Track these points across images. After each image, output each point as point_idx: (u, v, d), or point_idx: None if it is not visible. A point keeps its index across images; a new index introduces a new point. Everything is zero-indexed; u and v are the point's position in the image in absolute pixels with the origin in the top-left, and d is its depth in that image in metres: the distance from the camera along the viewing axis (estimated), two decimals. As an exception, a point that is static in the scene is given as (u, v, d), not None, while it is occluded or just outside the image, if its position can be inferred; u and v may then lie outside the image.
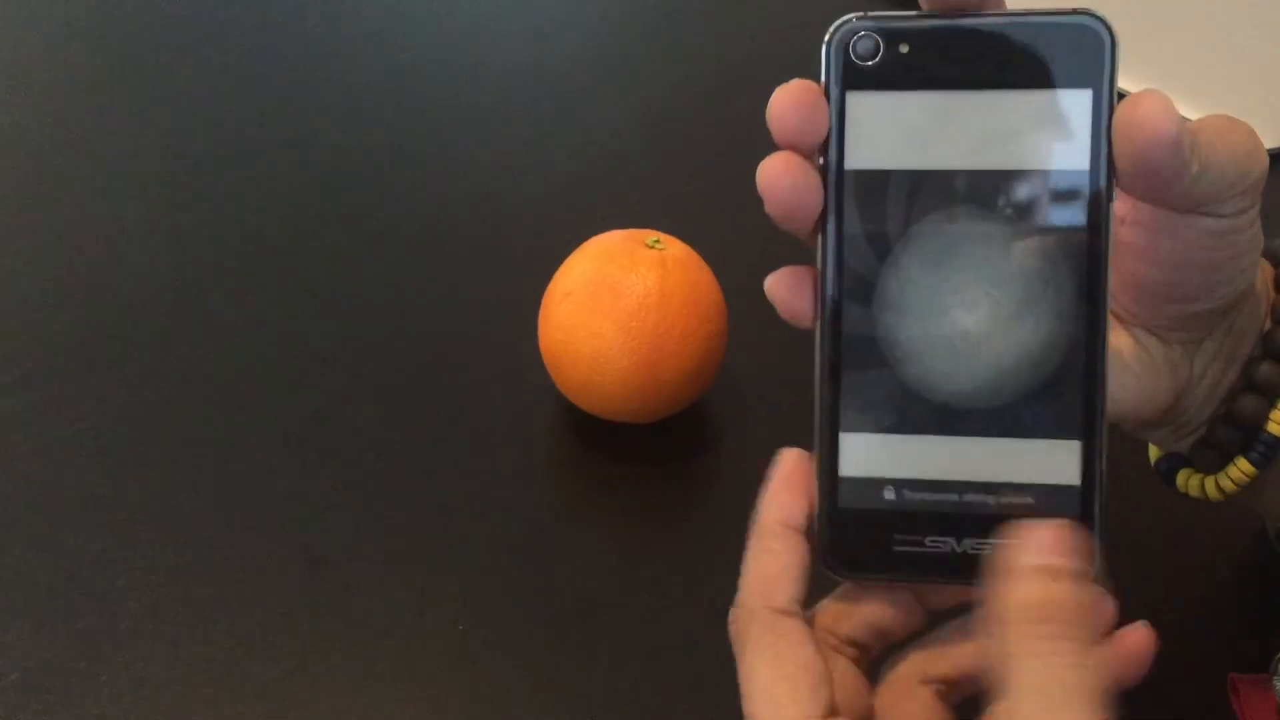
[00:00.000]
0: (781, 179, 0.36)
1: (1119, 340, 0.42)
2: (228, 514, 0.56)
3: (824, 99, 0.36)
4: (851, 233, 0.37)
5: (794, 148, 0.37)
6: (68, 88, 0.81)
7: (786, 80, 0.37)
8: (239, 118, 0.78)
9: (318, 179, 0.74)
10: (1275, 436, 0.43)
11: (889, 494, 0.37)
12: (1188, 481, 0.46)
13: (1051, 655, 0.33)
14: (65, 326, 0.64)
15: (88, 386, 0.61)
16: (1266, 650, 0.46)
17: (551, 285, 0.58)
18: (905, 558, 0.37)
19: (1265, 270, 0.44)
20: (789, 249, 0.42)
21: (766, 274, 0.41)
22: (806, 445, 0.38)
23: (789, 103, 0.36)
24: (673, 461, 0.59)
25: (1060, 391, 0.36)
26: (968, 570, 0.37)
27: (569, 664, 0.51)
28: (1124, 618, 0.39)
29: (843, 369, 0.37)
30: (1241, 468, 0.44)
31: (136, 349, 0.63)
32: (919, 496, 0.37)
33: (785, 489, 0.39)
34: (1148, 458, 0.49)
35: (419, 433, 0.60)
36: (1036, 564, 0.34)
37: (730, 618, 0.39)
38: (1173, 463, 0.47)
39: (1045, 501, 0.36)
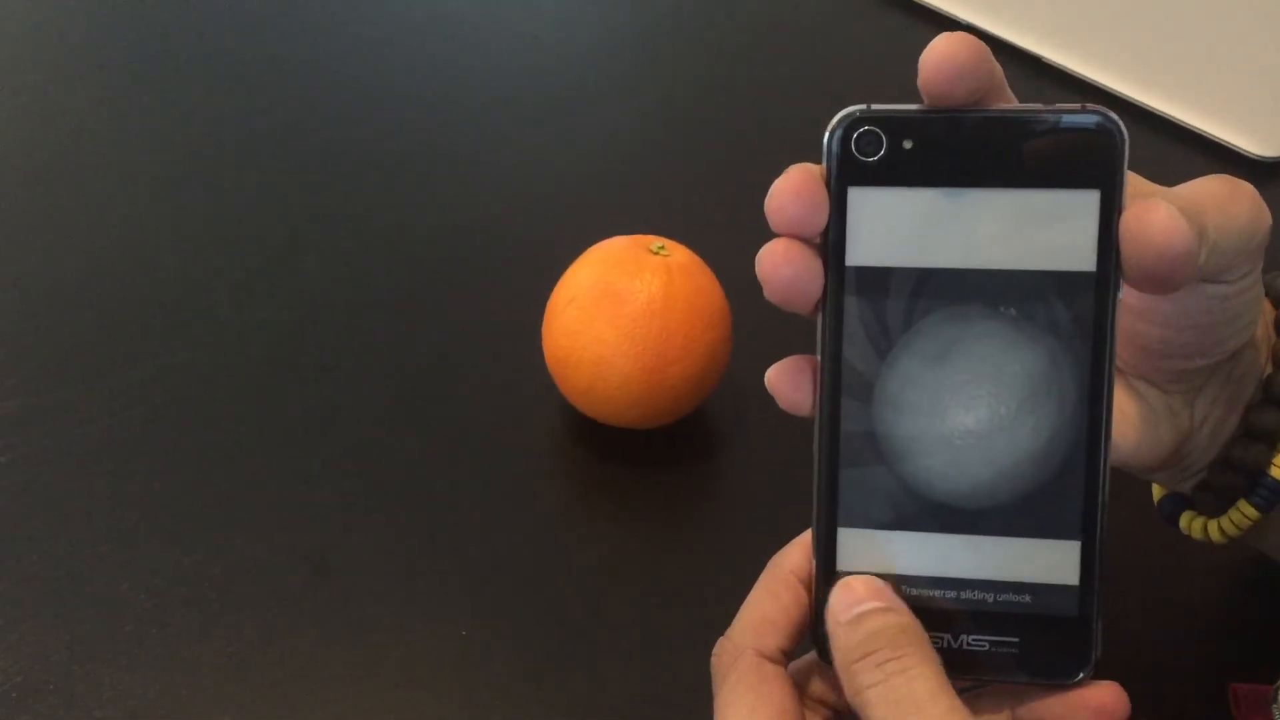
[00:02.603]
0: (781, 268, 0.36)
1: (1119, 391, 0.42)
2: (231, 518, 0.56)
3: (824, 190, 0.36)
4: (852, 329, 0.36)
5: (794, 237, 0.36)
6: (69, 90, 0.81)
7: (789, 84, 0.37)
8: (242, 122, 0.78)
9: (320, 184, 0.74)
10: (1277, 480, 0.43)
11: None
12: (1190, 524, 0.46)
13: (885, 677, 0.34)
14: (68, 330, 0.64)
15: (91, 390, 0.61)
16: (1268, 662, 0.46)
17: (556, 291, 0.58)
18: None
19: (1267, 311, 0.44)
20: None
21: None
22: (810, 453, 0.38)
23: (789, 194, 0.36)
24: (676, 467, 0.59)
25: (1060, 492, 0.36)
26: (965, 665, 0.37)
27: (573, 669, 0.51)
28: (1130, 627, 0.39)
29: (841, 465, 0.37)
30: (1244, 511, 0.44)
31: (139, 353, 0.63)
32: (916, 592, 0.37)
33: (808, 545, 0.39)
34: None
35: (423, 438, 0.60)
36: (848, 618, 0.36)
37: (716, 649, 0.39)
38: (1175, 504, 0.47)
39: (1043, 600, 0.36)
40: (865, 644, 0.35)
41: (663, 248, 0.57)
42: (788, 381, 0.38)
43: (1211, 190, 0.37)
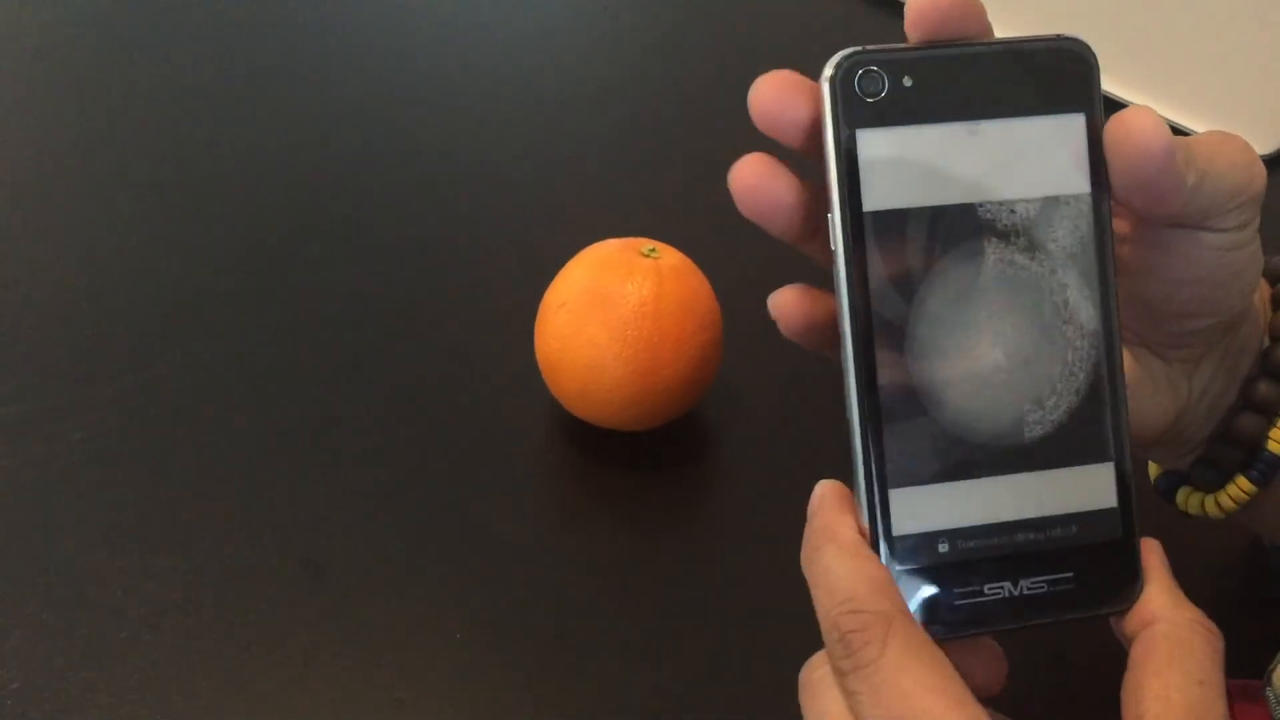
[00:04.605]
0: (747, 177, 0.37)
1: None
2: (226, 523, 0.56)
3: (806, 82, 0.36)
4: (876, 280, 0.36)
5: (775, 130, 0.37)
6: (66, 94, 0.81)
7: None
8: (234, 128, 0.78)
9: (312, 190, 0.74)
10: (1275, 455, 0.43)
11: (943, 547, 0.36)
12: (1187, 500, 0.47)
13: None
14: (63, 335, 0.64)
15: (86, 395, 0.61)
16: (1261, 658, 0.46)
17: (548, 294, 0.58)
18: (966, 610, 0.36)
19: (1263, 289, 0.44)
20: (785, 258, 0.42)
21: (762, 281, 0.41)
22: (804, 453, 0.38)
23: (771, 83, 0.36)
24: (669, 469, 0.59)
25: (1089, 414, 0.36)
26: (1027, 611, 0.37)
27: (566, 672, 0.51)
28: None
29: (883, 422, 0.36)
30: (1241, 486, 0.44)
31: (135, 357, 0.63)
32: (972, 544, 0.36)
33: (846, 508, 0.37)
34: (1145, 472, 0.49)
35: (416, 441, 0.60)
36: None
37: (854, 624, 0.34)
38: (1172, 480, 0.47)
39: (1089, 528, 0.37)
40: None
41: (654, 250, 0.57)
42: (792, 305, 0.39)
43: (1204, 134, 0.38)
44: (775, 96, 0.36)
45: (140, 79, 0.82)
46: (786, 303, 0.40)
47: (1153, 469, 0.49)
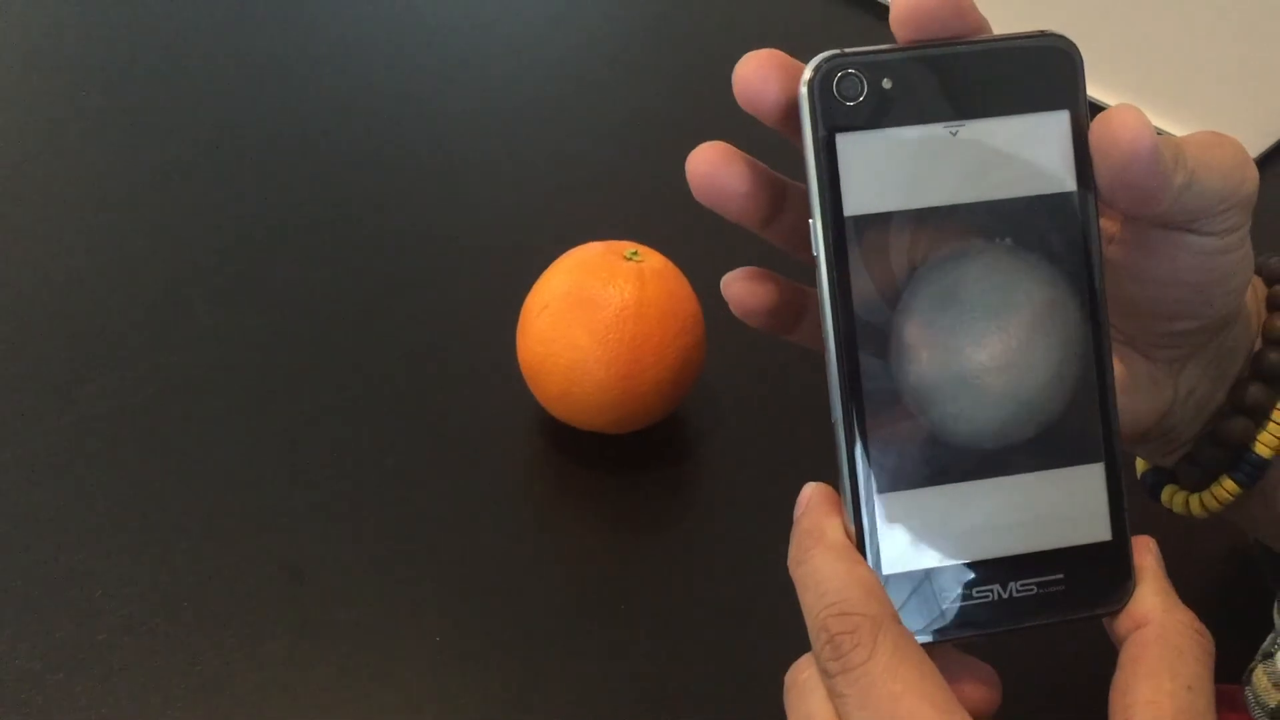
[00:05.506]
0: (701, 165, 0.39)
1: None
2: (205, 525, 0.56)
3: (788, 61, 0.36)
4: (860, 284, 0.35)
5: (755, 108, 0.37)
6: (52, 91, 0.80)
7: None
8: (217, 126, 0.78)
9: (295, 190, 0.74)
10: (1261, 457, 0.43)
11: (931, 550, 0.36)
12: (1172, 498, 0.46)
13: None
14: (41, 337, 0.64)
15: (64, 396, 0.61)
16: (1244, 661, 0.46)
17: (530, 297, 0.58)
18: (956, 613, 0.36)
19: (1257, 289, 0.44)
20: (769, 261, 0.42)
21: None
22: (786, 456, 0.38)
23: (753, 61, 0.37)
24: (650, 472, 0.59)
25: (1078, 415, 0.36)
26: (1017, 614, 0.36)
27: (547, 674, 0.51)
28: (1099, 628, 0.39)
29: (870, 427, 0.36)
30: (1226, 487, 0.44)
31: (114, 359, 0.63)
32: (960, 547, 0.36)
33: (834, 511, 0.37)
34: (1131, 472, 0.49)
35: (397, 444, 0.60)
36: None
37: (843, 627, 0.34)
38: (1159, 477, 0.47)
39: (1079, 529, 0.36)
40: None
41: (636, 253, 0.57)
42: (742, 289, 0.40)
43: (1197, 134, 0.38)
44: (756, 74, 0.37)
45: (123, 80, 0.82)
46: (739, 288, 0.40)
47: (1140, 464, 0.49)
